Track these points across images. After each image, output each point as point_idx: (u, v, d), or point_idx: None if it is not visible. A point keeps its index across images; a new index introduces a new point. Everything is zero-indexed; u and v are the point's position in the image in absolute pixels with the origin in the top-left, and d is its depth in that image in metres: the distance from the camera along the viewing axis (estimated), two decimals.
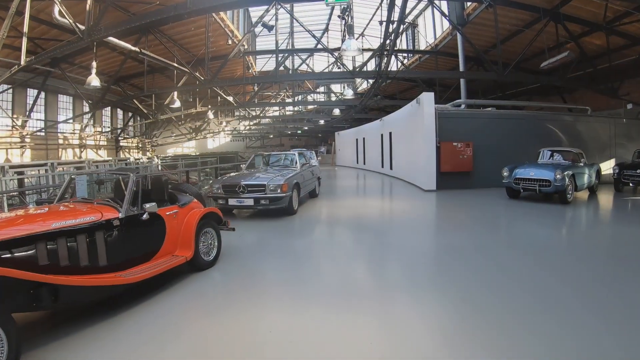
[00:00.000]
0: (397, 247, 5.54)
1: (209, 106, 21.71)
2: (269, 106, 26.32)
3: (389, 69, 10.60)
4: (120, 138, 27.82)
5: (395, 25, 7.85)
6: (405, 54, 19.02)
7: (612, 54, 12.47)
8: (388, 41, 9.81)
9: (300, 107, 30.46)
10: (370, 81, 16.38)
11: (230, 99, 20.19)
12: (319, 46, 16.88)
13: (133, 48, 12.65)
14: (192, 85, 14.45)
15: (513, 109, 14.58)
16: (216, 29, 15.22)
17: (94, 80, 12.50)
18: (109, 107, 26.55)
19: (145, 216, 3.70)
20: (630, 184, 10.70)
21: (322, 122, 28.49)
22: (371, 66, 16.52)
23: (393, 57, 12.11)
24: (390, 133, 16.75)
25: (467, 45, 13.83)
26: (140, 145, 31.43)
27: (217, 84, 13.26)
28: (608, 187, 11.61)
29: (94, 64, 12.73)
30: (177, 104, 16.50)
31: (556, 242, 5.81)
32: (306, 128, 34.59)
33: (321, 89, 27.05)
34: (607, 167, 13.21)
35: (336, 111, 22.01)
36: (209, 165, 19.04)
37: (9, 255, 2.76)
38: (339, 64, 12.42)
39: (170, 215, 4.02)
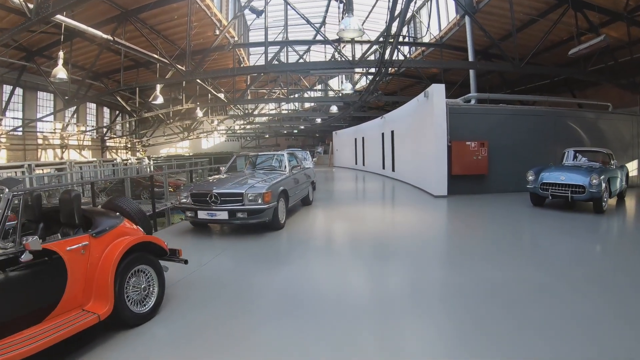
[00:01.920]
0: (414, 286, 4.09)
1: (197, 103, 20.31)
2: (261, 103, 24.89)
3: (392, 58, 9.23)
4: (106, 138, 26.39)
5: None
6: (408, 47, 17.69)
7: (631, 46, 11.30)
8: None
9: (296, 105, 29.10)
10: (370, 78, 15.09)
11: (222, 96, 18.83)
12: (317, 38, 15.57)
13: (105, 36, 11.29)
14: (174, 78, 13.06)
15: (527, 105, 13.36)
16: (202, 17, 13.82)
17: (60, 72, 11.10)
18: (94, 105, 25.18)
19: (24, 256, 2.34)
20: None
21: (319, 120, 27.09)
22: (371, 60, 15.16)
23: (395, 50, 10.82)
24: (392, 132, 15.41)
25: (475, 38, 12.58)
26: (129, 146, 30.00)
27: (200, 75, 11.89)
28: (632, 191, 10.36)
29: (61, 54, 11.34)
30: (160, 99, 15.08)
31: (628, 274, 4.27)
32: (302, 127, 33.19)
33: (319, 86, 25.71)
34: (631, 168, 12.02)
35: (334, 108, 20.62)
36: (192, 166, 17.72)
37: None
38: (338, 54, 11.04)
39: (74, 251, 2.65)
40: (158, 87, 15.09)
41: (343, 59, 10.31)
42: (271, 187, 5.87)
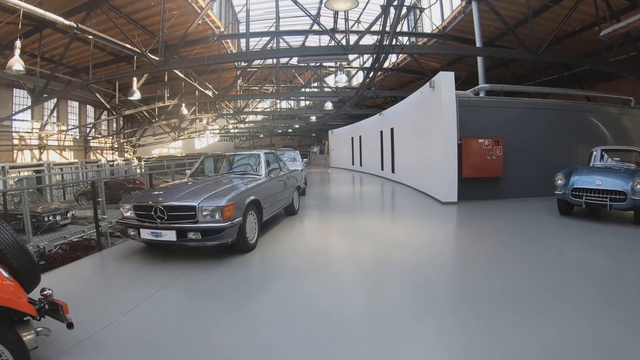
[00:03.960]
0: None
1: (183, 99, 18.97)
2: (250, 99, 23.55)
3: (393, 43, 7.92)
4: (89, 138, 24.99)
5: None
6: (407, 37, 16.41)
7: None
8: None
9: (291, 104, 27.80)
10: (367, 74, 13.80)
11: (210, 93, 17.53)
12: (313, 28, 14.24)
13: (67, 22, 9.95)
14: (149, 69, 11.72)
15: (536, 98, 12.09)
16: (182, 5, 12.52)
17: (17, 64, 9.77)
18: (76, 104, 23.82)
19: None
20: None
21: (313, 118, 25.75)
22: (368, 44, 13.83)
23: (393, 37, 9.50)
24: (391, 129, 14.09)
25: (482, 28, 11.31)
26: (115, 146, 28.60)
27: (174, 65, 10.60)
28: None
29: (18, 43, 10.06)
30: (137, 95, 13.76)
31: None
32: (297, 126, 31.86)
33: (314, 84, 24.41)
34: None
35: (329, 105, 19.29)
36: (186, 167, 16.37)
37: None
38: (334, 42, 9.71)
39: None
40: (135, 81, 13.75)
41: (337, 44, 8.97)
42: (235, 198, 4.42)
